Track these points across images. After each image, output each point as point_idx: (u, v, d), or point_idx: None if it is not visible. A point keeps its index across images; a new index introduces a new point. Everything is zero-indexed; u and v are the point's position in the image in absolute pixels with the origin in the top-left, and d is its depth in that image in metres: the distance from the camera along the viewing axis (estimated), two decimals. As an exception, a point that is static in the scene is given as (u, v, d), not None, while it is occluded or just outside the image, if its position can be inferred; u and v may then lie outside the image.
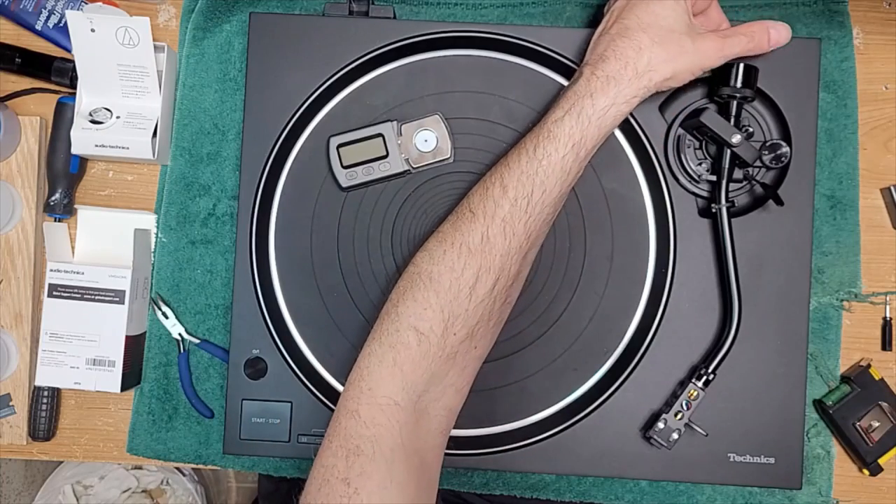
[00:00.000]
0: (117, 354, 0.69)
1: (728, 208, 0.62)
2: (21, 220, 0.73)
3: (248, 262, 0.66)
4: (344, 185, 0.65)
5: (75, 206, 0.74)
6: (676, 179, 0.65)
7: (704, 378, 0.61)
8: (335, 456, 0.50)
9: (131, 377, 0.71)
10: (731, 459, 0.64)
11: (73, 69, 0.71)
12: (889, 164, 0.71)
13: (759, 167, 0.64)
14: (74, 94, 0.71)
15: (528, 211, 0.54)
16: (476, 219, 0.54)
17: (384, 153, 0.65)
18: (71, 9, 0.72)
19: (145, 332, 0.72)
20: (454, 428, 0.56)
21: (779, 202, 0.62)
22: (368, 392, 0.52)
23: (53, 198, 0.72)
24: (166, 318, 0.71)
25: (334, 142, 0.65)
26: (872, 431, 0.67)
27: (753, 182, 0.64)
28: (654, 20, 0.56)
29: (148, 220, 0.73)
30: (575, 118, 0.55)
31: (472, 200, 0.55)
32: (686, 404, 0.61)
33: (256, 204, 0.66)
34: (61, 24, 0.73)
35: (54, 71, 0.72)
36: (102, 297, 0.69)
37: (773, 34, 0.59)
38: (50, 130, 0.73)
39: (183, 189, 0.71)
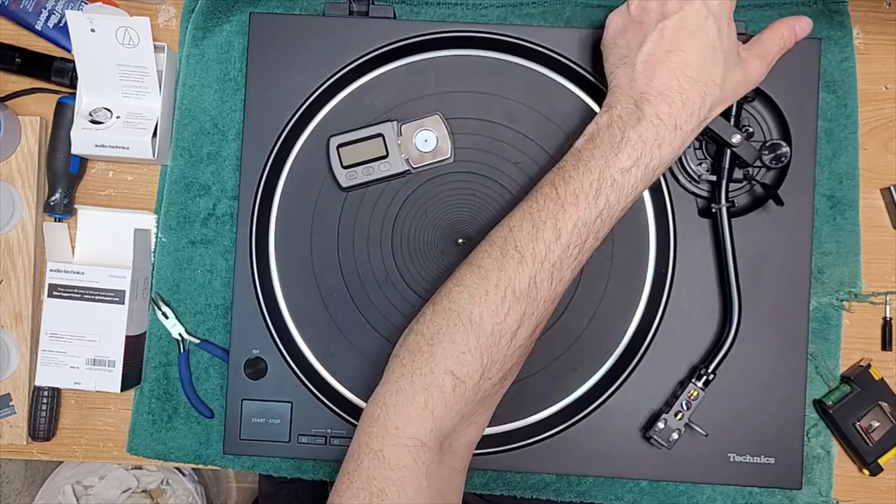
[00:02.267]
0: (117, 354, 0.69)
1: (728, 208, 0.62)
2: (21, 220, 0.73)
3: (248, 262, 0.66)
4: (344, 185, 0.65)
5: (75, 206, 0.74)
6: (676, 179, 0.65)
7: (704, 378, 0.61)
8: (357, 498, 0.48)
9: (131, 377, 0.71)
10: (731, 459, 0.64)
11: (73, 69, 0.71)
12: (889, 164, 0.71)
13: (759, 167, 0.64)
14: (74, 94, 0.71)
15: (577, 257, 0.52)
16: (524, 261, 0.51)
17: (384, 153, 0.65)
18: (71, 9, 0.72)
19: (145, 332, 0.72)
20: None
21: (779, 202, 0.62)
22: (395, 431, 0.50)
23: (53, 198, 0.72)
24: (166, 318, 0.71)
25: (334, 142, 0.65)
26: (872, 431, 0.67)
27: (753, 182, 0.64)
28: (713, 55, 0.53)
29: (148, 220, 0.73)
30: (643, 170, 0.52)
31: (519, 238, 0.52)
32: (686, 404, 0.61)
33: (256, 204, 0.66)
34: (61, 24, 0.73)
35: (54, 71, 0.72)
36: (102, 297, 0.69)
37: (798, 31, 0.57)
38: (50, 130, 0.73)
39: (183, 189, 0.71)
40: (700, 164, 0.64)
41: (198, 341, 0.71)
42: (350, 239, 0.66)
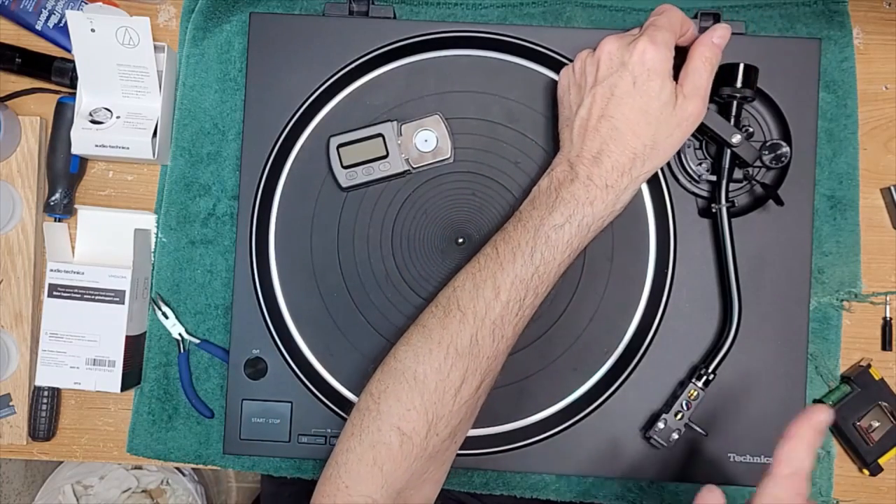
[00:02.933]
0: (117, 354, 0.69)
1: (728, 208, 0.62)
2: (21, 220, 0.73)
3: (248, 262, 0.66)
4: (344, 185, 0.65)
5: (75, 206, 0.74)
6: (676, 179, 0.65)
7: (704, 378, 0.61)
8: None
9: (131, 377, 0.71)
10: (731, 459, 0.64)
11: (73, 69, 0.71)
12: (889, 164, 0.71)
13: (759, 167, 0.64)
14: (74, 94, 0.71)
15: (518, 314, 0.54)
16: (465, 319, 0.53)
17: (384, 153, 0.65)
18: (71, 9, 0.72)
19: (145, 332, 0.72)
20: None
21: (779, 202, 0.62)
22: (345, 489, 0.51)
23: (53, 198, 0.72)
24: (166, 318, 0.71)
25: (334, 142, 0.65)
26: (872, 431, 0.67)
27: (753, 182, 0.64)
28: (642, 117, 0.54)
29: (148, 220, 0.73)
30: (575, 227, 0.54)
31: (461, 297, 0.54)
32: (686, 404, 0.61)
33: (256, 204, 0.66)
34: (61, 24, 0.73)
35: (54, 71, 0.72)
36: (102, 297, 0.69)
37: (718, 41, 0.56)
38: (50, 130, 0.73)
39: (183, 189, 0.71)
40: (700, 164, 0.64)
41: (198, 341, 0.71)
42: (350, 239, 0.66)
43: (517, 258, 0.53)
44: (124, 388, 0.69)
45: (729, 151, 0.61)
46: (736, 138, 0.60)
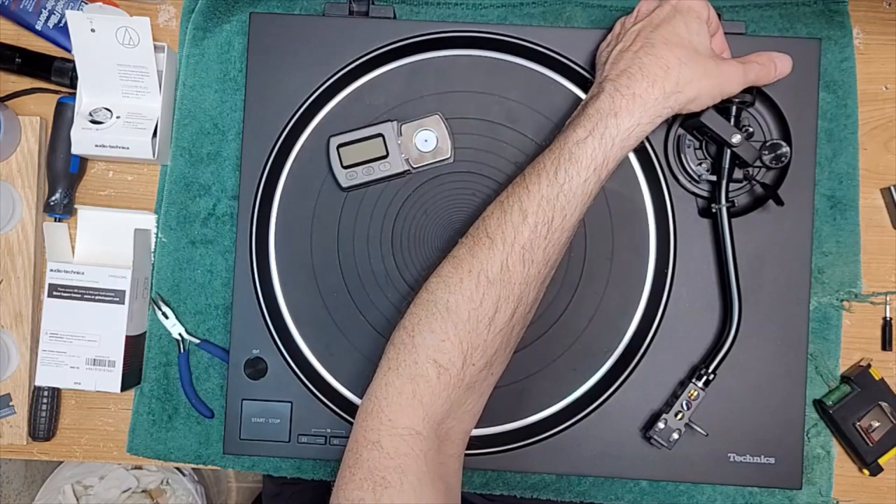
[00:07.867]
0: (117, 354, 0.69)
1: (728, 208, 0.62)
2: (21, 220, 0.73)
3: (248, 262, 0.66)
4: (344, 185, 0.65)
5: (75, 206, 0.74)
6: (676, 179, 0.65)
7: (704, 378, 0.61)
8: (361, 489, 0.49)
9: (131, 377, 0.71)
10: (731, 459, 0.64)
11: (73, 69, 0.71)
12: (889, 164, 0.71)
13: (759, 167, 0.64)
14: (74, 94, 0.71)
15: (547, 237, 0.53)
16: (494, 246, 0.52)
17: (384, 153, 0.65)
18: (71, 9, 0.72)
19: (145, 332, 0.72)
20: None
21: (779, 202, 0.62)
22: (389, 423, 0.51)
23: (53, 198, 0.72)
24: (166, 318, 0.71)
25: (334, 142, 0.65)
26: (872, 431, 0.67)
27: (753, 182, 0.64)
28: (679, 41, 0.55)
29: (148, 220, 0.73)
30: (598, 139, 0.53)
31: (490, 225, 0.53)
32: (686, 404, 0.61)
33: (256, 204, 0.66)
34: (61, 24, 0.73)
35: (54, 71, 0.72)
36: (102, 297, 0.69)
37: (778, 65, 0.59)
38: (50, 130, 0.73)
39: (183, 189, 0.71)
40: (700, 164, 0.64)
41: (198, 341, 0.71)
42: (350, 239, 0.66)
43: (542, 179, 0.53)
44: (124, 388, 0.69)
45: (729, 151, 0.61)
46: (736, 138, 0.60)
